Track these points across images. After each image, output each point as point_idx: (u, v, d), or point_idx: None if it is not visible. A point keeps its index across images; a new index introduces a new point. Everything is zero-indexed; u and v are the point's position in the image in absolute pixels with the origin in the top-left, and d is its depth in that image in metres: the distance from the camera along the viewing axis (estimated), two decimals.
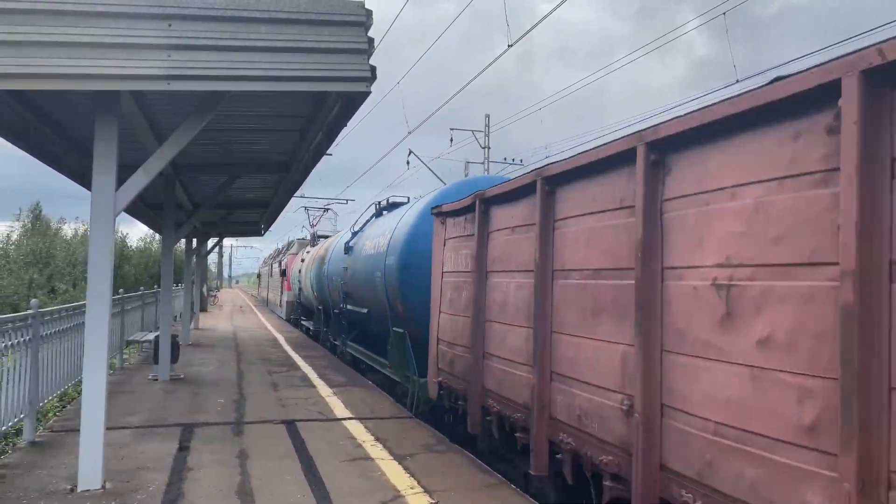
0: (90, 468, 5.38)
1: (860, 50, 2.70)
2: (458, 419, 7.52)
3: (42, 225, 41.25)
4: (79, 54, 4.74)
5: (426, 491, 5.50)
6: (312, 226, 34.03)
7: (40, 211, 42.82)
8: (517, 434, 5.72)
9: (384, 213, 13.15)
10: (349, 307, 13.64)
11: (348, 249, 13.66)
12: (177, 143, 5.68)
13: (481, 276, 6.60)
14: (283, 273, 29.35)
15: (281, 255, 35.45)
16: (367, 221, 13.70)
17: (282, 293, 29.33)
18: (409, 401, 9.48)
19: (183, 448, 6.73)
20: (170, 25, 4.93)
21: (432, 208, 8.26)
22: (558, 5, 10.02)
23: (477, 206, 6.68)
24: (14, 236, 37.92)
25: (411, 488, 5.57)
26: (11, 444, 7.35)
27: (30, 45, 4.63)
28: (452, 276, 7.50)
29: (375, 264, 10.82)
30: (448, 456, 6.66)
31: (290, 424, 7.88)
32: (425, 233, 8.81)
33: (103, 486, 5.40)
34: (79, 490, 5.33)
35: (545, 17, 10.11)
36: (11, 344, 6.35)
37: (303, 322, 23.41)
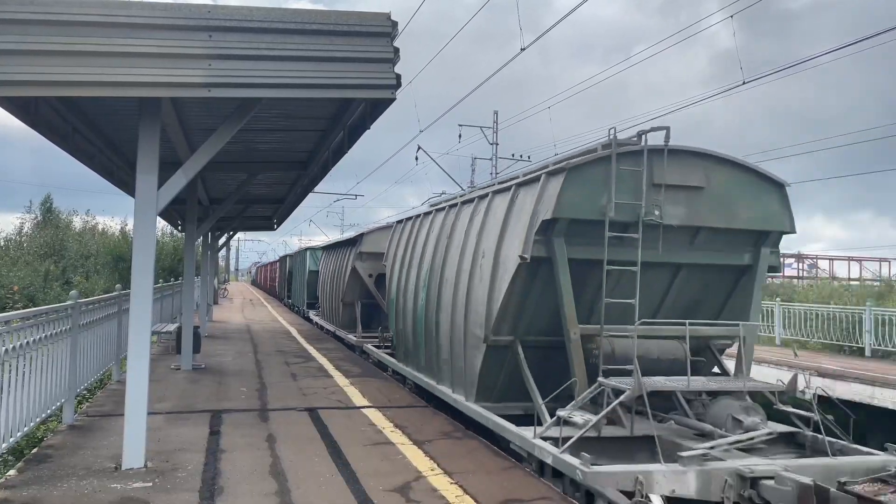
0: (134, 448, 5.77)
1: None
2: None
3: (54, 217, 41.70)
4: (128, 63, 5.09)
5: (446, 472, 5.89)
6: (259, 259, 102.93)
7: (51, 203, 43.27)
8: None
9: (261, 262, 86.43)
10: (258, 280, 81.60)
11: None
12: (213, 146, 6.05)
13: None
14: (251, 272, 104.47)
15: (253, 266, 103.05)
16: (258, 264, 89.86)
17: (253, 277, 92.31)
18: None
19: (214, 432, 7.14)
20: (210, 36, 5.28)
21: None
22: (578, 6, 10.20)
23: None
24: (26, 228, 38.34)
25: (432, 470, 5.96)
26: (52, 429, 7.76)
27: (83, 55, 4.99)
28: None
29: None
30: (465, 442, 7.05)
31: (313, 412, 8.28)
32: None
33: (145, 465, 5.80)
34: (123, 468, 5.72)
35: (561, 20, 10.40)
36: (55, 332, 6.74)
37: (258, 287, 71.48)
